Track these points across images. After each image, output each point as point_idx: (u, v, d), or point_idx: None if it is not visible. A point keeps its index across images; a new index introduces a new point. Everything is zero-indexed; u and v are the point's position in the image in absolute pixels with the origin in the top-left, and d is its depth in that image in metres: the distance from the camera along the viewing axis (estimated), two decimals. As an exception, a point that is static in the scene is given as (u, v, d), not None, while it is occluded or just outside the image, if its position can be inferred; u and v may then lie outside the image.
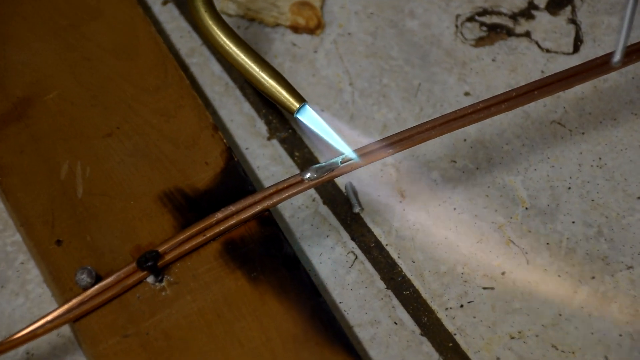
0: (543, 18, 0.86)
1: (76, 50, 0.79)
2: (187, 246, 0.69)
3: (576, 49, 0.85)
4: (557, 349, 0.71)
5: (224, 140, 0.75)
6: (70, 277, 0.69)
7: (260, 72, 0.74)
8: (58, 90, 0.77)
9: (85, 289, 0.68)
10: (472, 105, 0.72)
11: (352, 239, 0.76)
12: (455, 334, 0.72)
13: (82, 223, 0.71)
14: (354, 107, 0.82)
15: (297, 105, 0.73)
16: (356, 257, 0.75)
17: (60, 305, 0.67)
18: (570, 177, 0.78)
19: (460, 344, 0.72)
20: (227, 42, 0.75)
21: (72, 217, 0.72)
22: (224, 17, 0.86)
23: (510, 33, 0.86)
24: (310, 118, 0.73)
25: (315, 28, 0.85)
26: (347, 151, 0.71)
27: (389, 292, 0.74)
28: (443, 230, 0.76)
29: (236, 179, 0.73)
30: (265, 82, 0.74)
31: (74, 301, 0.67)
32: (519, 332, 0.72)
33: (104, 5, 0.81)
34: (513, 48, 0.85)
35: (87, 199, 0.72)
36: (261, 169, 0.79)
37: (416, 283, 0.74)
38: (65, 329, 0.71)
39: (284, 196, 0.70)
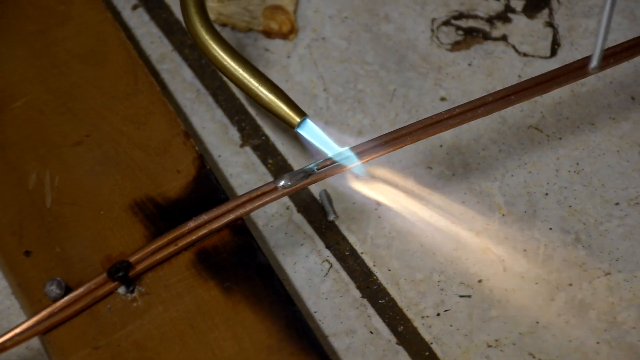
0: (520, 21, 0.86)
1: (44, 56, 0.78)
2: (158, 256, 0.69)
3: (553, 52, 0.84)
4: (534, 357, 0.70)
5: (196, 148, 0.74)
6: (39, 289, 0.68)
7: (260, 87, 0.73)
8: (26, 98, 0.76)
9: (55, 300, 0.67)
10: (448, 111, 0.71)
11: (327, 247, 0.75)
12: (431, 343, 0.71)
13: (51, 233, 0.71)
14: (328, 113, 0.81)
15: (298, 120, 0.72)
16: (331, 266, 0.75)
17: (29, 317, 0.67)
18: (548, 183, 0.77)
19: (437, 353, 0.71)
20: (225, 56, 0.74)
21: (41, 227, 0.71)
22: (196, 22, 0.85)
23: (486, 37, 0.85)
24: (311, 132, 0.72)
25: (288, 33, 0.85)
26: (354, 164, 0.70)
27: (365, 301, 0.73)
28: (419, 237, 0.75)
29: (208, 187, 0.72)
30: (265, 97, 0.73)
31: (44, 313, 0.66)
32: (496, 341, 0.71)
33: (72, 11, 0.80)
34: (489, 52, 0.84)
35: (56, 209, 0.71)
36: (234, 176, 0.78)
37: (392, 291, 0.73)
38: (35, 342, 0.70)
39: (257, 204, 0.69)
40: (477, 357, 0.71)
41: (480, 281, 0.74)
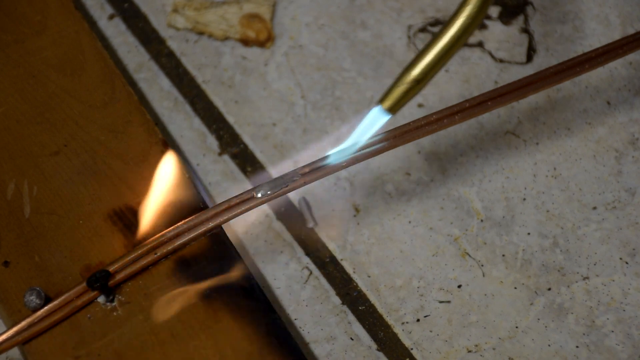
0: (496, 28, 0.86)
1: (20, 66, 0.78)
2: (138, 265, 0.68)
3: (529, 58, 0.85)
4: (514, 362, 0.71)
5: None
6: (18, 299, 0.68)
7: None
8: (3, 108, 0.76)
9: (35, 310, 0.66)
10: (426, 117, 0.71)
11: (307, 254, 0.75)
12: (412, 349, 0.71)
13: (30, 243, 0.70)
14: (306, 121, 0.81)
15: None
16: (311, 273, 0.75)
17: (8, 328, 0.66)
18: (525, 188, 0.78)
19: (417, 358, 0.71)
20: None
21: (20, 237, 0.70)
22: (172, 30, 0.85)
23: (462, 43, 0.85)
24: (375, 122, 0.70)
25: (265, 41, 0.85)
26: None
27: (345, 308, 0.73)
28: (398, 243, 0.76)
29: (187, 196, 0.72)
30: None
31: (23, 323, 0.66)
32: (476, 346, 0.71)
33: (48, 20, 0.80)
34: (466, 58, 0.85)
35: (34, 219, 0.71)
36: (213, 185, 0.78)
37: (372, 298, 0.74)
38: (15, 352, 0.70)
39: (236, 212, 0.69)
40: (457, 362, 0.71)
41: (459, 286, 0.74)
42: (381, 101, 0.67)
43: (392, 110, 0.67)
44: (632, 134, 0.80)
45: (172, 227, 0.69)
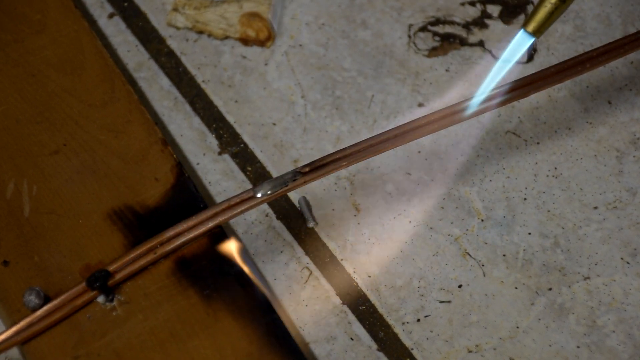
0: (496, 27, 0.86)
1: (20, 65, 0.78)
2: (137, 264, 0.68)
3: (530, 57, 0.85)
4: (515, 362, 0.71)
5: (174, 156, 0.74)
6: (18, 299, 0.68)
7: None
8: (2, 107, 0.76)
9: (34, 310, 0.66)
10: (426, 116, 0.71)
11: (307, 254, 0.75)
12: (412, 349, 0.71)
13: (29, 243, 0.70)
14: (306, 120, 0.81)
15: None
16: (311, 273, 0.75)
17: (8, 328, 0.66)
18: (526, 188, 0.78)
19: (418, 358, 0.71)
20: None
21: (19, 237, 0.70)
22: (172, 29, 0.85)
23: (463, 42, 0.85)
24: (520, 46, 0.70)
25: (265, 40, 0.84)
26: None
27: (345, 308, 0.73)
28: (398, 243, 0.75)
29: (187, 195, 0.72)
30: None
31: (22, 323, 0.66)
32: (477, 346, 0.71)
33: (48, 20, 0.80)
34: (467, 58, 0.84)
35: (34, 218, 0.71)
36: (213, 184, 0.78)
37: (372, 298, 0.73)
38: (14, 352, 0.70)
39: (236, 212, 0.69)
40: (457, 363, 0.71)
41: (460, 286, 0.74)
42: (525, 24, 0.67)
43: (537, 32, 0.67)
44: (633, 133, 0.80)
45: (172, 227, 0.69)
